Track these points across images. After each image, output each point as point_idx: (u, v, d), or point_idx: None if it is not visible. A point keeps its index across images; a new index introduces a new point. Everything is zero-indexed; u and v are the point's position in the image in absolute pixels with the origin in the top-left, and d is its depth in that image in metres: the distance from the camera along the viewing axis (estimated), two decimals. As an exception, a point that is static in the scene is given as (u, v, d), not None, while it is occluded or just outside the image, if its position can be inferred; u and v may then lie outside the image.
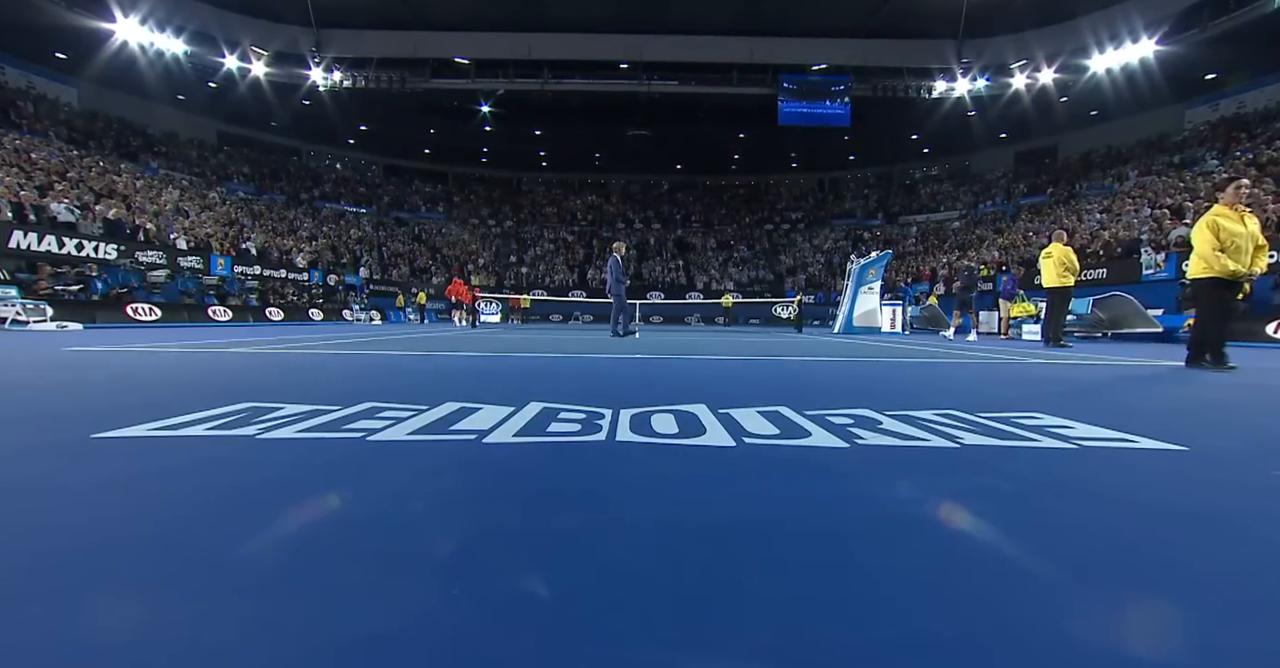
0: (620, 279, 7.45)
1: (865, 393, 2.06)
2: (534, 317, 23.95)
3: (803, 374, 2.81)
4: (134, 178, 16.70)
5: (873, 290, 10.61)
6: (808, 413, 1.55)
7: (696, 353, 4.26)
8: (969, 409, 1.63)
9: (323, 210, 25.76)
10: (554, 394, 1.91)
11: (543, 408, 1.58)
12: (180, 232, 13.47)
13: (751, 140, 27.01)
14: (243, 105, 22.40)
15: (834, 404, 1.72)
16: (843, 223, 30.09)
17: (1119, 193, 18.78)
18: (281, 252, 17.52)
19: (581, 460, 1.04)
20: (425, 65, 20.96)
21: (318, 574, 0.59)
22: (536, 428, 1.28)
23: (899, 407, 1.67)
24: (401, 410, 1.50)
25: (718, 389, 2.08)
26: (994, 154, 27.21)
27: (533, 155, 30.27)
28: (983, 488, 0.94)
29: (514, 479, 0.95)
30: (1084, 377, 2.93)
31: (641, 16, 19.67)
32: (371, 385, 2.11)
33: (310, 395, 1.80)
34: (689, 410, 1.58)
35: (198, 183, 20.77)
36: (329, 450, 1.10)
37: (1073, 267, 5.80)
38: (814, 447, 1.15)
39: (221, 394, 1.83)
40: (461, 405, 1.62)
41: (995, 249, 18.95)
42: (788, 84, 21.37)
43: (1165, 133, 20.59)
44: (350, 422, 1.34)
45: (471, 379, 2.38)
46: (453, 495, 0.88)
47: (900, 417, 1.51)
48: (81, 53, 17.95)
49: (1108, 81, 19.12)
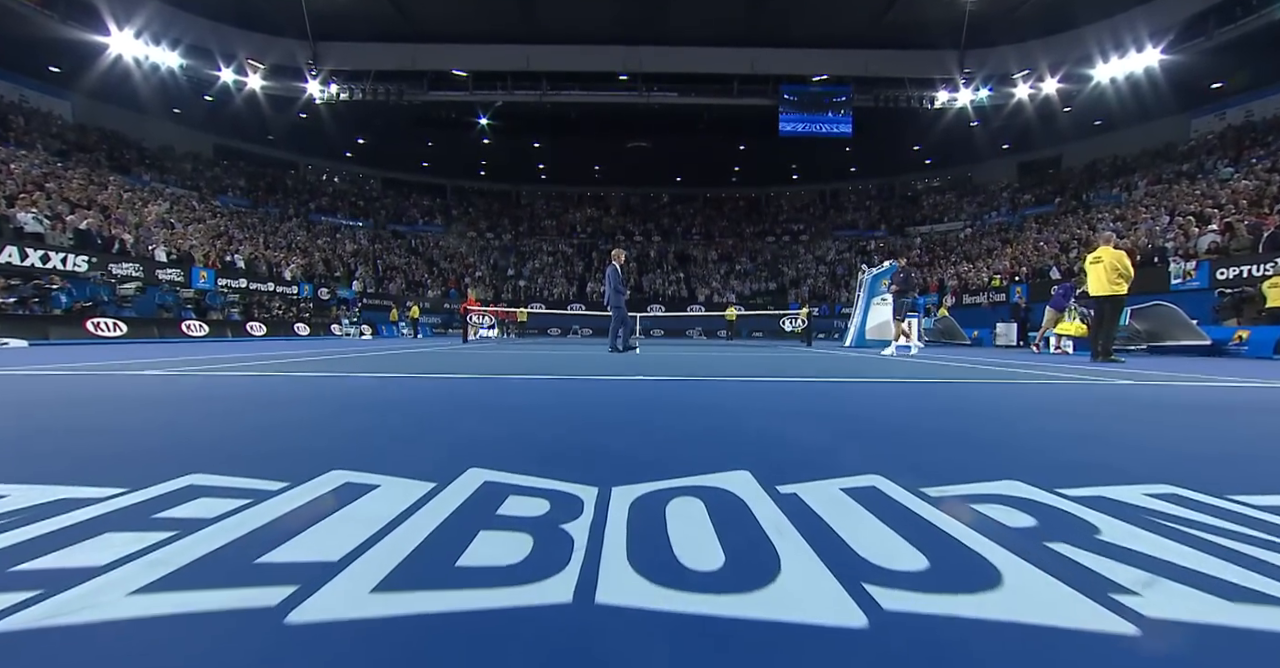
0: (619, 290, 6.89)
1: (972, 441, 1.38)
2: (531, 330, 23.33)
3: (856, 404, 2.17)
4: (121, 190, 16.30)
5: (885, 302, 10.01)
6: (930, 495, 0.91)
7: (707, 373, 3.62)
8: (1195, 485, 0.94)
9: (318, 224, 25.40)
10: (512, 450, 1.25)
11: (480, 486, 0.93)
12: (161, 244, 12.97)
13: (752, 152, 26.82)
14: (239, 119, 22.21)
15: (952, 470, 1.07)
16: (845, 234, 29.74)
17: (1129, 202, 18.39)
18: (270, 265, 17.02)
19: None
20: (423, 78, 20.81)
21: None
22: (439, 559, 0.64)
23: (1061, 474, 1.04)
24: (229, 495, 0.86)
25: (755, 436, 1.43)
26: (997, 165, 26.98)
27: (532, 168, 30.09)
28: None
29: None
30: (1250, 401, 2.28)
31: (641, 27, 19.56)
32: (243, 431, 1.46)
33: (120, 455, 1.17)
34: (726, 489, 0.94)
35: (190, 195, 20.42)
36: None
37: (1127, 272, 5.18)
38: (1051, 630, 0.49)
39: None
40: (347, 480, 0.98)
41: (1005, 259, 18.45)
42: (788, 95, 21.19)
43: (1172, 142, 20.31)
44: (81, 538, 0.71)
45: (403, 420, 1.69)
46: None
47: (1093, 501, 0.85)
48: (75, 66, 17.75)
49: (1112, 91, 18.89)
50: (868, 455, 1.22)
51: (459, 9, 18.53)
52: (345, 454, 1.19)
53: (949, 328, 11.95)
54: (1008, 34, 19.04)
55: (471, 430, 1.52)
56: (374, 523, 0.76)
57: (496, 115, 22.38)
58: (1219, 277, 9.53)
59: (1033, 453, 1.28)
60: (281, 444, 1.31)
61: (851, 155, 26.79)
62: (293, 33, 19.37)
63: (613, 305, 6.92)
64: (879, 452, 1.26)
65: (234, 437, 1.40)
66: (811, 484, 0.97)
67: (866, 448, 1.31)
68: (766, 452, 1.26)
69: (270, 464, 1.09)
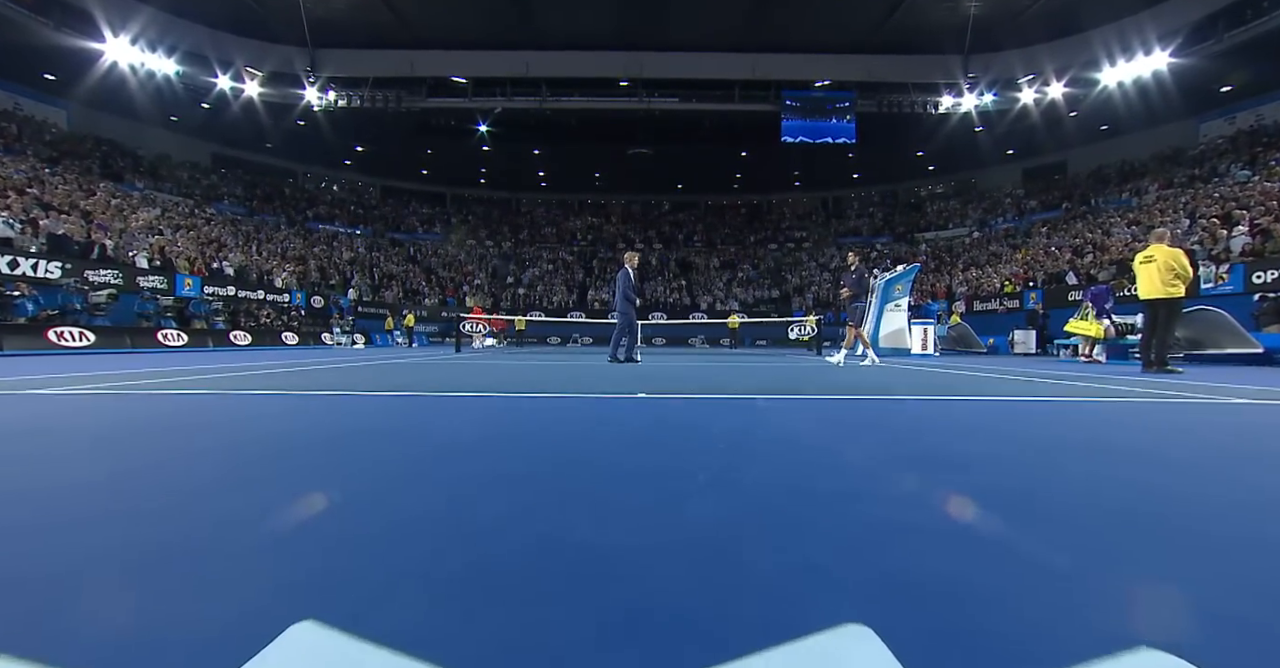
0: (629, 296, 6.26)
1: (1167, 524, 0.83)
2: (531, 339, 22.81)
3: (944, 437, 1.63)
4: (110, 196, 15.95)
5: (900, 308, 9.49)
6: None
7: (720, 389, 3.07)
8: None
9: (315, 231, 25.08)
10: (409, 559, 0.66)
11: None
12: (142, 250, 12.51)
13: (753, 159, 26.57)
14: (237, 127, 22.00)
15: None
16: (849, 241, 29.38)
17: (1140, 207, 17.96)
18: (262, 272, 16.57)
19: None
20: (422, 84, 20.61)
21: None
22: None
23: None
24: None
25: (840, 516, 0.85)
26: (1001, 171, 26.67)
27: (532, 175, 29.87)
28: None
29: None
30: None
31: (641, 33, 19.38)
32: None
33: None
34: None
35: (184, 203, 20.10)
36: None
37: (1184, 272, 4.64)
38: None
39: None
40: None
41: (1016, 264, 17.98)
42: (790, 101, 20.94)
43: (1180, 147, 19.96)
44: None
45: (262, 479, 1.06)
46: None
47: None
48: (70, 74, 17.54)
49: (1119, 95, 18.58)
50: (1099, 587, 0.61)
51: (457, 15, 18.36)
52: (123, 551, 0.64)
53: (964, 335, 11.40)
54: (1013, 38, 18.81)
55: (362, 502, 0.91)
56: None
57: (496, 122, 22.14)
58: (1255, 280, 9.02)
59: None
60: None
61: (854, 162, 26.52)
62: (290, 39, 19.21)
63: (619, 311, 6.34)
64: (1099, 567, 0.67)
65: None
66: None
67: (1067, 555, 0.74)
68: (879, 558, 0.70)
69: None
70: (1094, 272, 13.76)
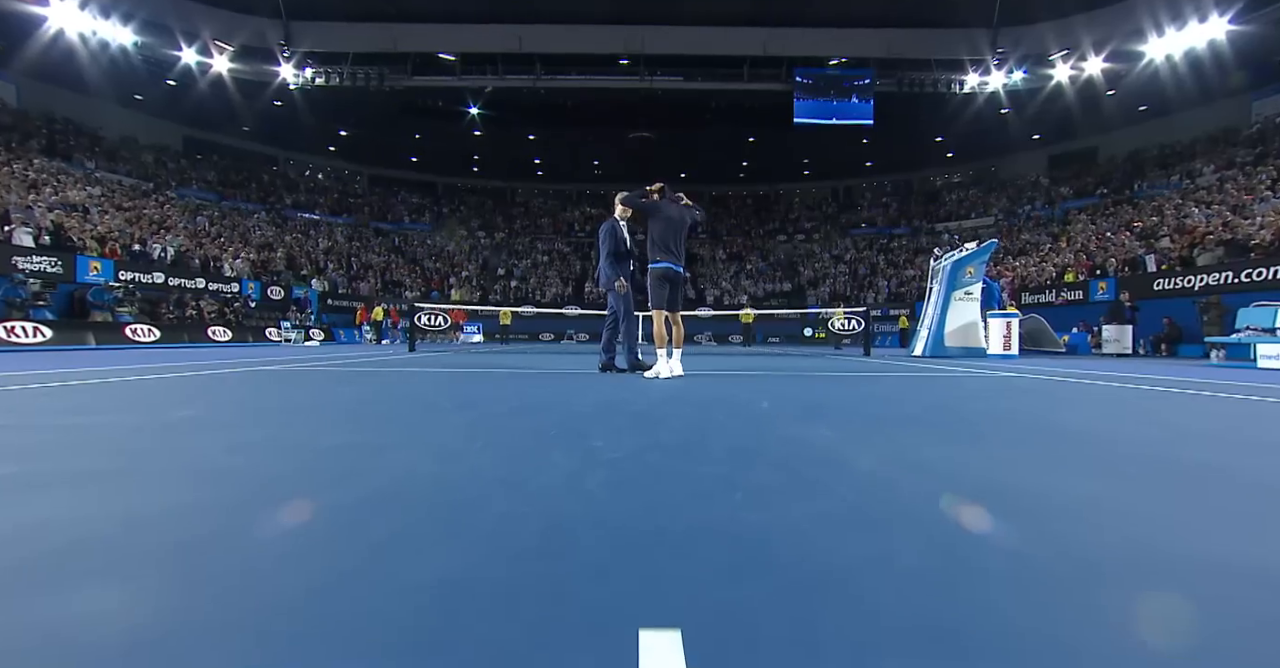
0: (615, 263, 4.23)
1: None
2: (521, 336, 21.21)
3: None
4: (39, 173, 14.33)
5: (971, 296, 7.80)
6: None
7: (782, 423, 1.53)
8: None
9: (292, 219, 23.51)
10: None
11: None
12: (22, 225, 10.50)
13: (761, 146, 25.04)
14: (208, 107, 20.41)
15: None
16: (861, 233, 27.85)
17: (1188, 189, 16.41)
18: (209, 259, 14.95)
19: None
20: (406, 61, 18.99)
21: None
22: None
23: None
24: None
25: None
26: (1025, 158, 25.12)
27: (527, 163, 28.31)
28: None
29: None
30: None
31: (643, 6, 17.79)
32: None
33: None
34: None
35: (142, 185, 18.53)
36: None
37: None
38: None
39: None
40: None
41: (1065, 253, 16.40)
42: (803, 79, 19.33)
43: (1233, 126, 18.35)
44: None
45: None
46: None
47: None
48: (10, 41, 15.91)
49: (1167, 69, 16.97)
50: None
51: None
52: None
53: (1037, 331, 9.55)
54: (1047, 8, 17.22)
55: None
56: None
57: (487, 104, 20.56)
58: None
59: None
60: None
61: (867, 149, 24.98)
62: (263, 10, 17.62)
63: (604, 287, 4.29)
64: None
65: None
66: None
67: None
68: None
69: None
70: (1186, 254, 11.84)
